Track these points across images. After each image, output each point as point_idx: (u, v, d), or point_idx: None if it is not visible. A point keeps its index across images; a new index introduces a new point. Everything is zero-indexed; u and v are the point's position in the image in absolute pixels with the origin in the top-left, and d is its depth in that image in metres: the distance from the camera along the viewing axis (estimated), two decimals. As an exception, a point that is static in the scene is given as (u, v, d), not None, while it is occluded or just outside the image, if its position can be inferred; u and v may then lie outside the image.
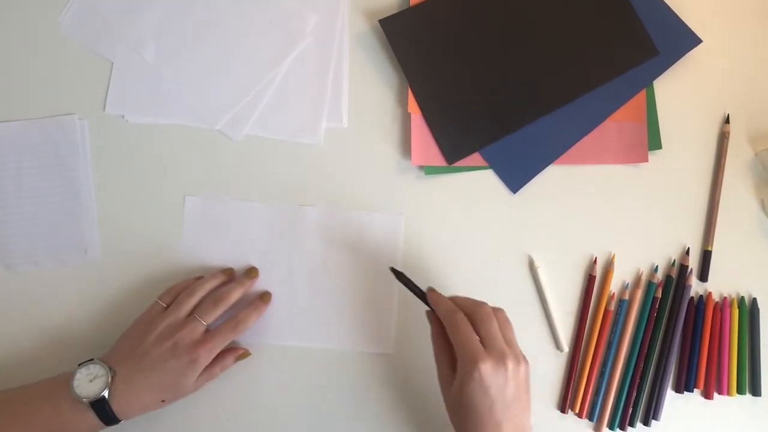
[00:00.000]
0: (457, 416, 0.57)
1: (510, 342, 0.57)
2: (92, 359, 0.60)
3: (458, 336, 0.57)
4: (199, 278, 0.66)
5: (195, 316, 0.62)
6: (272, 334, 0.68)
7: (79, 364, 0.60)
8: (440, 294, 0.60)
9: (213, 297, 0.64)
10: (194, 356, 0.60)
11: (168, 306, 0.64)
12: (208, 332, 0.62)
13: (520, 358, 0.57)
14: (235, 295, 0.65)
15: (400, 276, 0.63)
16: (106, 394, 0.58)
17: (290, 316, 0.68)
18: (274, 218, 0.69)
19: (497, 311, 0.59)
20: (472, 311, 0.58)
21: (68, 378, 0.59)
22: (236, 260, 0.68)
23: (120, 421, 0.59)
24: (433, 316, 0.60)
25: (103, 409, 0.58)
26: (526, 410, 0.57)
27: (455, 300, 0.60)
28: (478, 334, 0.56)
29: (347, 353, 0.68)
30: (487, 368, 0.54)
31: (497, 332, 0.57)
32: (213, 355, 0.62)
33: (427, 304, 0.61)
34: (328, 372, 0.68)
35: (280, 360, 0.68)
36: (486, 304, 0.59)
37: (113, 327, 0.67)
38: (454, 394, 0.56)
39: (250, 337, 0.67)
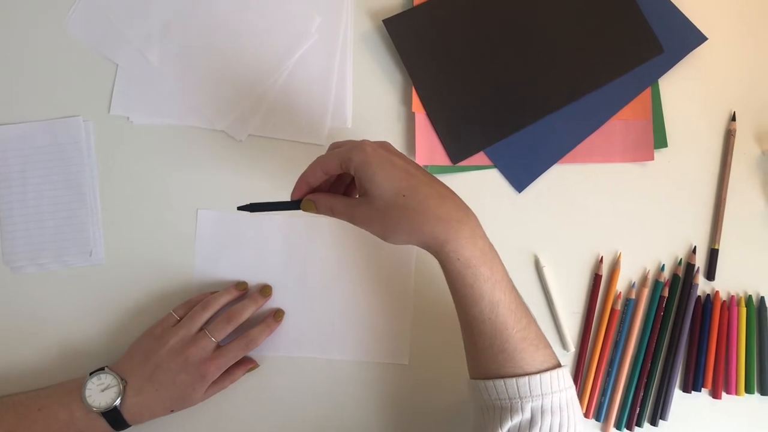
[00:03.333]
0: (398, 206, 0.51)
1: None
2: (103, 368, 0.61)
3: (329, 155, 0.54)
4: (214, 293, 0.67)
5: (206, 333, 0.62)
6: (286, 345, 0.68)
7: (90, 373, 0.61)
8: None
9: (226, 315, 0.64)
10: (203, 372, 0.61)
11: (181, 318, 0.64)
12: (219, 349, 0.63)
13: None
14: (247, 313, 0.65)
15: (253, 208, 0.58)
16: (118, 404, 0.59)
17: (304, 328, 0.68)
18: (287, 229, 0.69)
19: None
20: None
21: (80, 385, 0.60)
22: (248, 270, 0.68)
23: (130, 426, 0.61)
24: (316, 195, 0.57)
25: (114, 418, 0.59)
26: (438, 179, 0.55)
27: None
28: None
29: (362, 365, 0.68)
30: (368, 142, 0.53)
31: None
32: (221, 371, 0.63)
33: (297, 208, 0.57)
34: (343, 384, 0.68)
35: (293, 372, 0.68)
36: None
37: (118, 329, 0.67)
38: (377, 189, 0.51)
39: (263, 349, 0.67)
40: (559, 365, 0.54)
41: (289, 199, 0.57)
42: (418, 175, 0.53)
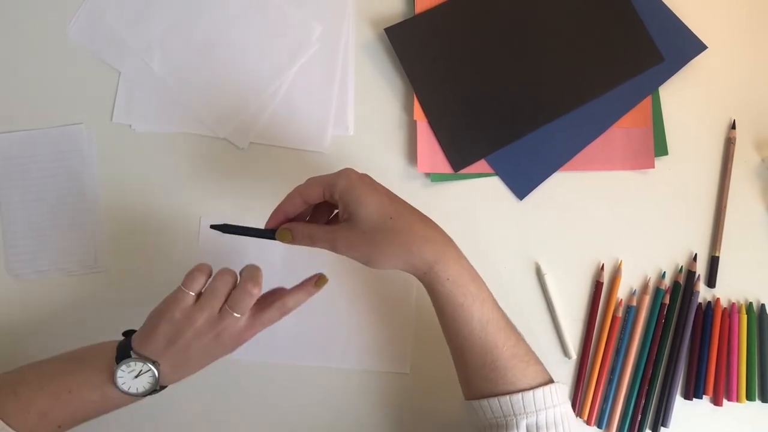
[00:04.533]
0: (385, 229, 0.52)
1: None
2: (129, 356, 0.56)
3: (311, 183, 0.55)
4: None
5: (228, 310, 0.55)
6: (287, 354, 0.68)
7: (117, 359, 0.56)
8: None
9: (245, 287, 0.56)
10: (239, 341, 0.57)
11: (197, 294, 0.57)
12: (252, 317, 0.57)
13: None
14: (260, 276, 0.57)
15: (226, 229, 0.57)
16: (157, 385, 0.56)
17: (305, 336, 0.68)
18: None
19: None
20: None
21: (108, 365, 0.56)
22: None
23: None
24: (293, 224, 0.56)
25: (153, 392, 0.57)
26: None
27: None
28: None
29: (363, 373, 0.68)
30: (351, 170, 0.54)
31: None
32: (256, 334, 0.58)
33: (271, 237, 0.57)
34: (344, 392, 0.68)
35: (294, 380, 0.68)
36: None
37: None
38: (363, 213, 0.52)
39: (264, 357, 0.67)
40: (551, 381, 0.55)
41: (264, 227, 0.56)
42: (400, 201, 0.55)
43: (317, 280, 0.59)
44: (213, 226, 0.57)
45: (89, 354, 0.58)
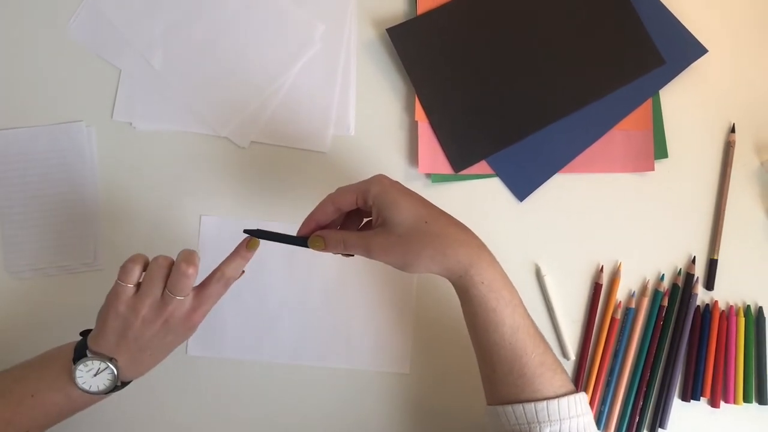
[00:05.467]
0: (420, 232, 0.53)
1: None
2: (85, 355, 0.56)
3: (343, 190, 0.55)
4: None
5: (170, 294, 0.55)
6: (287, 354, 0.68)
7: (74, 362, 0.56)
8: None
9: (179, 268, 0.55)
10: (190, 325, 0.57)
11: (136, 286, 0.56)
12: (196, 296, 0.56)
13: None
14: (196, 256, 0.56)
15: (260, 234, 0.56)
16: (117, 381, 0.56)
17: (306, 336, 0.68)
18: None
19: None
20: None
21: (66, 367, 0.56)
22: (251, 277, 0.65)
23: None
24: (325, 232, 0.56)
25: (115, 388, 0.57)
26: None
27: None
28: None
29: (363, 373, 0.68)
30: (383, 176, 0.55)
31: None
32: (207, 313, 0.58)
33: (304, 245, 0.57)
34: (344, 392, 0.68)
35: (294, 380, 0.68)
36: None
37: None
38: (398, 217, 0.53)
39: (266, 356, 0.67)
40: (575, 390, 0.55)
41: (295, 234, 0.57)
42: (434, 206, 0.56)
43: (248, 243, 0.57)
44: (247, 231, 0.57)
45: (48, 357, 0.58)
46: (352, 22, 0.73)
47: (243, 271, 0.59)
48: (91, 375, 0.56)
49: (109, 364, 0.56)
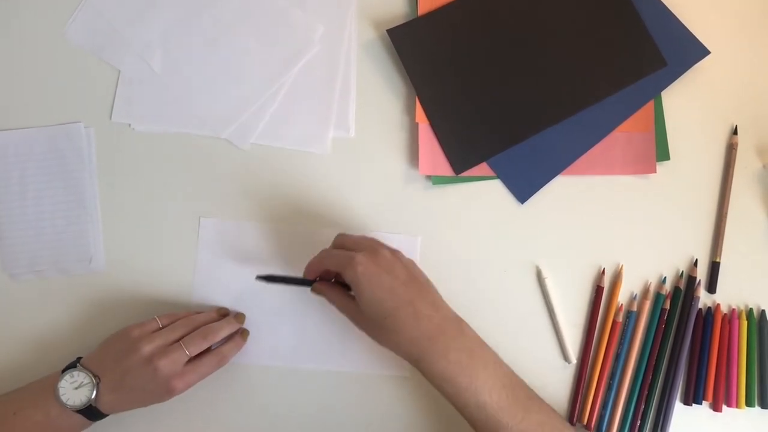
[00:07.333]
0: (379, 324, 0.57)
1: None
2: (75, 365, 0.60)
3: (330, 257, 0.60)
4: (199, 312, 0.66)
5: (181, 345, 0.61)
6: (285, 356, 0.68)
7: (63, 370, 0.60)
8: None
9: (203, 331, 0.63)
10: (170, 388, 0.60)
11: (162, 327, 0.63)
12: (190, 364, 0.62)
13: (395, 251, 0.60)
14: (223, 333, 0.64)
15: (271, 279, 0.63)
16: (93, 401, 0.59)
17: (304, 338, 0.68)
18: (289, 238, 0.69)
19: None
20: (336, 245, 0.62)
21: (53, 384, 0.59)
22: (249, 279, 0.66)
23: (107, 416, 0.61)
24: (322, 286, 0.62)
25: (90, 412, 0.59)
26: (430, 289, 0.60)
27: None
28: (345, 248, 0.60)
29: (363, 376, 0.68)
30: (362, 257, 0.57)
31: (364, 238, 0.61)
32: (189, 387, 0.62)
33: (308, 285, 0.63)
34: (343, 395, 0.67)
35: (293, 382, 0.67)
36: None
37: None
38: (363, 307, 0.57)
39: (263, 357, 0.67)
40: None
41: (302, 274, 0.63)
42: (401, 294, 0.57)
43: (242, 333, 0.66)
44: (259, 277, 0.63)
45: (35, 381, 0.62)
46: (352, 23, 0.73)
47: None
48: (72, 387, 0.59)
49: (93, 380, 0.59)
